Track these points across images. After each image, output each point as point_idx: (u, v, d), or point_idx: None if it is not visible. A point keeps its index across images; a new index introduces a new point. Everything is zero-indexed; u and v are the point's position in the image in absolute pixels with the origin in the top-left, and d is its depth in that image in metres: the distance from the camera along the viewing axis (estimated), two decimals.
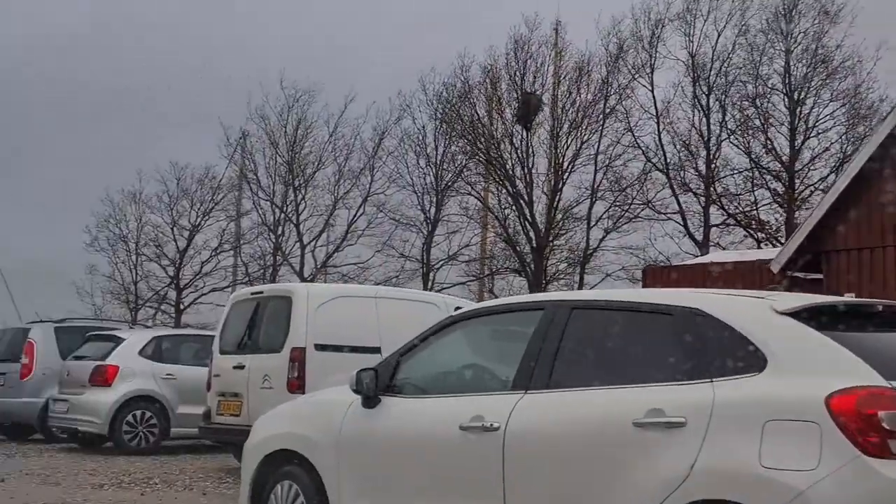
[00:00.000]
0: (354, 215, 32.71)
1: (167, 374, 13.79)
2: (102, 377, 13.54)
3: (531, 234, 29.10)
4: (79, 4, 48.53)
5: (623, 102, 28.78)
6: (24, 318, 21.73)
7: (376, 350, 10.68)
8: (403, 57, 43.61)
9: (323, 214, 33.10)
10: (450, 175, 31.20)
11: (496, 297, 27.93)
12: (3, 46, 47.72)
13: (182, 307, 34.09)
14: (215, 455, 13.04)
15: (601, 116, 28.86)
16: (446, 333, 5.72)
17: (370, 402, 5.59)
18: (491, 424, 4.88)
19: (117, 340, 14.16)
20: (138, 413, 13.50)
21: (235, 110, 35.93)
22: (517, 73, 29.30)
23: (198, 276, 34.23)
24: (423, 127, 31.25)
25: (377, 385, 5.57)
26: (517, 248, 29.47)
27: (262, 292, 11.62)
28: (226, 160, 33.60)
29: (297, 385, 10.30)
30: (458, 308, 11.82)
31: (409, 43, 45.82)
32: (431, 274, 31.53)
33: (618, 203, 29.40)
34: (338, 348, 10.57)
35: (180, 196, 33.88)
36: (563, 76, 29.36)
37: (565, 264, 30.54)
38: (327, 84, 32.59)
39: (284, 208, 33.18)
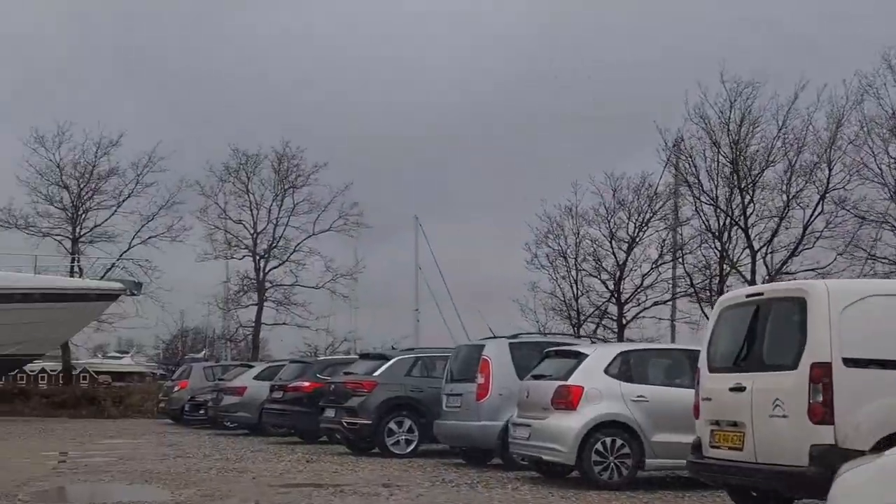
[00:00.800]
0: (811, 215, 29.31)
1: (638, 396, 11.87)
2: (566, 399, 11.93)
3: None
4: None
5: None
6: (472, 336, 21.29)
7: None
8: (859, 31, 38.94)
9: (774, 216, 29.88)
10: None
11: None
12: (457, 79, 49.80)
13: (624, 322, 32.68)
14: (701, 493, 10.89)
15: None
16: None
17: None
18: None
19: (579, 357, 12.51)
20: (608, 441, 11.70)
21: (672, 112, 33.68)
22: None
23: (639, 290, 32.81)
24: (893, 108, 26.92)
25: None
26: None
27: (761, 294, 9.32)
28: (662, 165, 31.67)
29: (821, 412, 8.03)
30: None
31: (863, 15, 40.99)
32: None
33: None
34: (877, 363, 8.05)
35: (617, 207, 32.63)
36: None
37: None
38: (773, 73, 29.19)
39: (730, 212, 30.45)
